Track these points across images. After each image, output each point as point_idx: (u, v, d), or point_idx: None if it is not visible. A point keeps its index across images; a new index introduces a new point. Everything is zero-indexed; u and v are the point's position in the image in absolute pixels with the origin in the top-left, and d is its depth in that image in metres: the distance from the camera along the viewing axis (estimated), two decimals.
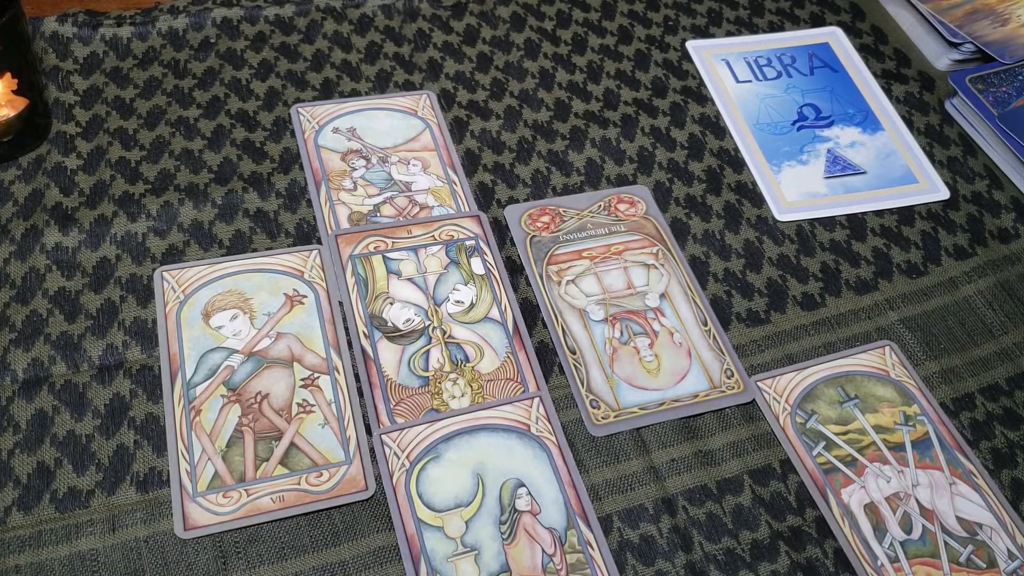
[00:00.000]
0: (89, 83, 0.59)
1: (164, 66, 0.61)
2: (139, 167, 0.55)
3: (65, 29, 0.61)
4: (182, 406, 0.46)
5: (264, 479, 0.44)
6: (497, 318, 0.51)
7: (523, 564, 0.42)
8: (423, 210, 0.55)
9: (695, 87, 0.66)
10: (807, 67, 0.68)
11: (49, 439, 0.45)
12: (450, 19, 0.67)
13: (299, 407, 0.46)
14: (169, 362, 0.47)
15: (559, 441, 0.47)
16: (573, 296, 0.53)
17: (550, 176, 0.59)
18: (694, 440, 0.48)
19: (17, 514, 0.42)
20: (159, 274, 0.50)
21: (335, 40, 0.64)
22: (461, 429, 0.46)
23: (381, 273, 0.52)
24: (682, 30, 0.69)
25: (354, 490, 0.44)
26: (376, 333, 0.49)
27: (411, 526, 0.43)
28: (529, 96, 0.63)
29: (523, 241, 0.55)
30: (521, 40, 0.66)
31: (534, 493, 0.45)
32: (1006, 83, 0.65)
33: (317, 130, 0.58)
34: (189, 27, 0.63)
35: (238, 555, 0.42)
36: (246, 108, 0.59)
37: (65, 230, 0.52)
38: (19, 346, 0.47)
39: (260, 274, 0.51)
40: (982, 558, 0.45)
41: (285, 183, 0.56)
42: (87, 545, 0.42)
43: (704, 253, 0.56)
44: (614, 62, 0.66)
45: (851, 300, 0.55)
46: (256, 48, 0.63)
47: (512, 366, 0.49)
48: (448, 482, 0.44)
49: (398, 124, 0.60)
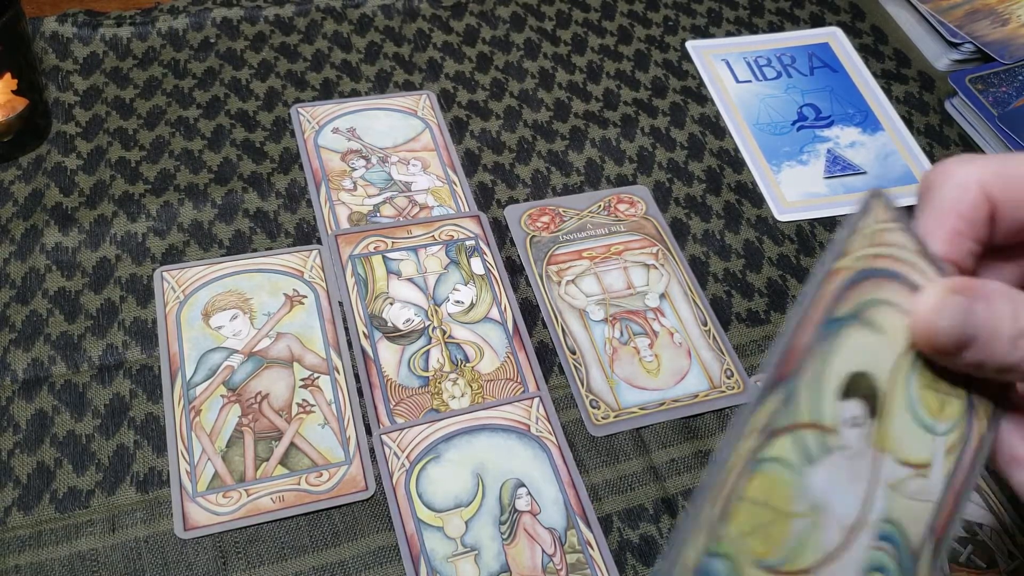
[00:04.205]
0: (89, 83, 0.59)
1: (164, 66, 0.61)
2: (139, 167, 0.55)
3: (65, 29, 0.61)
4: (182, 406, 0.46)
5: (264, 479, 0.44)
6: (497, 318, 0.51)
7: (523, 564, 0.42)
8: (423, 210, 0.55)
9: (695, 87, 0.66)
10: (807, 67, 0.68)
11: (49, 439, 0.45)
12: (450, 19, 0.67)
13: (299, 407, 0.46)
14: (169, 362, 0.47)
15: (559, 441, 0.47)
16: (573, 296, 0.53)
17: (550, 176, 0.59)
18: (694, 440, 0.48)
19: (17, 514, 0.42)
20: (159, 274, 0.50)
21: (335, 40, 0.64)
22: (461, 429, 0.46)
23: (381, 273, 0.52)
24: (682, 30, 0.69)
25: (354, 490, 0.44)
26: (376, 333, 0.49)
27: (411, 526, 0.43)
28: (529, 96, 0.63)
29: (523, 241, 0.55)
30: (521, 40, 0.66)
31: (534, 493, 0.45)
32: (1006, 83, 0.65)
33: (317, 130, 0.58)
34: (189, 27, 0.63)
35: (238, 555, 0.42)
36: (246, 108, 0.59)
37: (65, 230, 0.52)
38: (19, 346, 0.47)
39: (260, 274, 0.51)
40: (982, 558, 0.45)
41: (285, 183, 0.56)
42: (87, 545, 0.42)
43: (704, 253, 0.56)
44: (614, 62, 0.66)
45: None
46: (256, 48, 0.63)
47: (512, 366, 0.49)
48: (448, 482, 0.44)
49: (398, 124, 0.60)
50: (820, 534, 0.25)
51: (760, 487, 0.24)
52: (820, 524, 0.25)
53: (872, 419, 0.26)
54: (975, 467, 0.28)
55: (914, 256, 0.27)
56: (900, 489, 0.26)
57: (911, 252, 0.27)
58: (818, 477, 0.25)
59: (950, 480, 0.27)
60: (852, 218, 0.27)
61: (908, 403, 0.27)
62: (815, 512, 0.24)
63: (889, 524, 0.26)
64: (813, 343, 0.25)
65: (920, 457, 0.27)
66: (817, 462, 0.25)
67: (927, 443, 0.27)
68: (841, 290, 0.26)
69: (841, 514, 0.25)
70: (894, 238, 0.27)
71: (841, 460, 0.25)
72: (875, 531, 0.26)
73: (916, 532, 0.26)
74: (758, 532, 0.24)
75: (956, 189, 0.27)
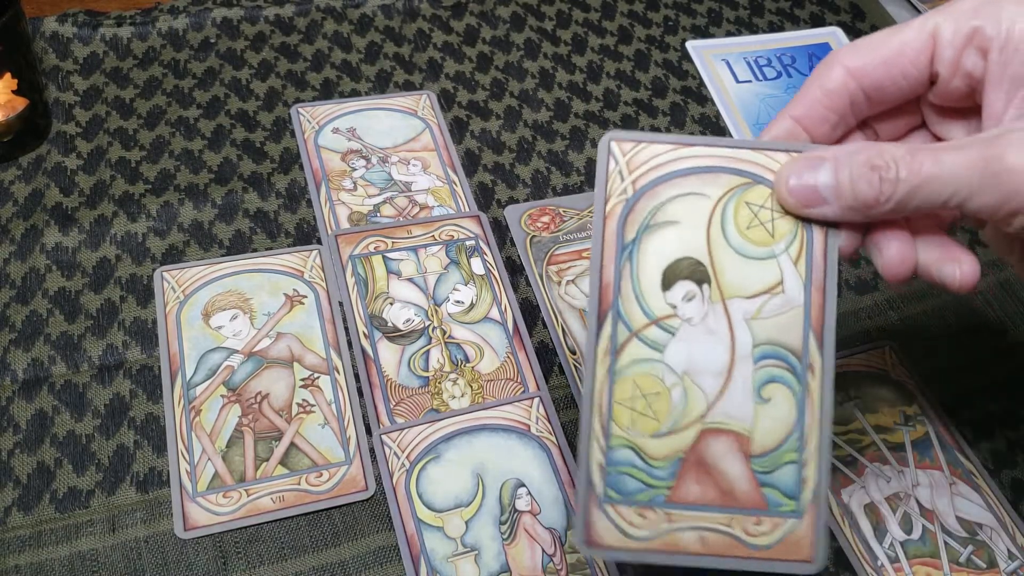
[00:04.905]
0: (89, 83, 0.59)
1: (164, 66, 0.61)
2: (139, 167, 0.55)
3: (65, 29, 0.61)
4: (182, 406, 0.46)
5: (264, 479, 0.44)
6: (497, 318, 0.51)
7: (523, 564, 0.42)
8: (423, 210, 0.55)
9: (695, 87, 0.66)
10: (807, 67, 0.68)
11: (49, 439, 0.45)
12: (450, 19, 0.67)
13: (299, 407, 0.46)
14: (169, 362, 0.47)
15: (559, 441, 0.47)
16: (573, 296, 0.53)
17: (550, 176, 0.59)
18: None
19: (17, 514, 0.42)
20: (159, 274, 0.50)
21: (335, 40, 0.64)
22: (461, 429, 0.46)
23: (381, 273, 0.52)
24: (682, 30, 0.69)
25: (354, 490, 0.44)
26: (376, 333, 0.49)
27: (411, 526, 0.43)
28: (529, 96, 0.63)
29: (523, 241, 0.55)
30: (521, 40, 0.66)
31: (534, 493, 0.45)
32: None
33: (317, 130, 0.58)
34: (189, 27, 0.63)
35: (238, 555, 0.42)
36: (246, 108, 0.59)
37: (65, 230, 0.52)
38: (19, 346, 0.47)
39: (260, 274, 0.51)
40: (982, 558, 0.45)
41: (285, 183, 0.56)
42: (87, 545, 0.42)
43: None
44: (614, 62, 0.66)
45: (851, 300, 0.55)
46: (256, 48, 0.63)
47: (512, 366, 0.49)
48: (448, 482, 0.44)
49: (398, 124, 0.60)
50: (696, 390, 0.31)
51: (625, 388, 0.31)
52: (694, 382, 0.32)
53: (704, 284, 0.32)
54: (828, 257, 0.32)
55: (672, 151, 0.33)
56: (760, 316, 0.32)
57: (667, 155, 0.33)
58: (674, 353, 0.32)
59: (809, 279, 0.32)
60: (599, 169, 0.32)
61: (733, 252, 0.32)
62: (685, 377, 0.32)
63: (764, 345, 0.32)
64: (617, 271, 0.32)
65: (766, 282, 0.32)
66: (667, 345, 0.32)
67: (769, 268, 0.32)
68: (620, 224, 0.32)
69: (711, 364, 0.32)
70: (644, 155, 0.33)
71: (689, 330, 0.32)
72: (752, 358, 0.32)
73: (792, 336, 0.32)
74: (641, 417, 0.31)
75: (822, 67, 0.33)
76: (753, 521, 0.31)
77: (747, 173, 0.32)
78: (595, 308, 0.31)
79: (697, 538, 0.31)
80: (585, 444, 0.31)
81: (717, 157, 0.33)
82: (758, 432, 0.31)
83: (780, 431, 0.31)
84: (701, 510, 0.31)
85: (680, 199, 0.32)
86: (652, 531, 0.31)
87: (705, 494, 0.31)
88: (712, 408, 0.31)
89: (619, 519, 0.31)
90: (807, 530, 0.31)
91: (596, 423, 0.31)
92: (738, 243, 0.32)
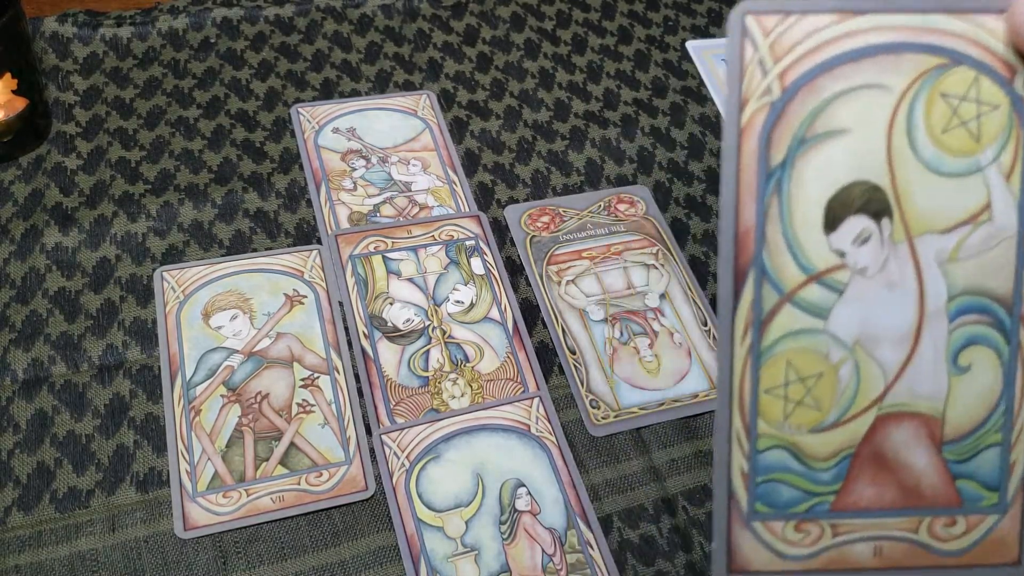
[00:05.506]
0: (89, 83, 0.59)
1: (164, 66, 0.61)
2: (139, 167, 0.55)
3: (65, 29, 0.61)
4: (182, 406, 0.46)
5: (264, 479, 0.44)
6: (497, 318, 0.51)
7: (523, 564, 0.42)
8: (423, 210, 0.55)
9: (695, 87, 0.66)
10: None
11: (49, 439, 0.45)
12: (450, 19, 0.67)
13: (299, 407, 0.46)
14: (169, 362, 0.47)
15: (559, 441, 0.47)
16: (573, 296, 0.53)
17: (550, 176, 0.59)
18: (694, 440, 0.48)
19: (17, 514, 0.42)
20: (159, 274, 0.50)
21: (335, 40, 0.64)
22: (461, 429, 0.46)
23: (381, 273, 0.52)
24: (682, 30, 0.69)
25: (354, 490, 0.44)
26: (376, 333, 0.49)
27: (411, 526, 0.43)
28: (529, 96, 0.63)
29: (523, 241, 0.55)
30: (521, 40, 0.66)
31: (534, 493, 0.45)
32: None
33: (317, 130, 0.58)
34: (189, 27, 0.63)
35: (238, 555, 0.42)
36: (246, 108, 0.59)
37: (65, 230, 0.52)
38: (19, 346, 0.47)
39: (260, 274, 0.51)
40: None
41: (285, 183, 0.56)
42: (87, 545, 0.42)
43: (704, 253, 0.56)
44: (614, 62, 0.66)
45: None
46: (256, 48, 0.63)
47: (512, 366, 0.49)
48: (448, 482, 0.44)
49: (398, 124, 0.60)
50: (872, 365, 0.24)
51: (775, 371, 0.24)
52: (869, 355, 0.24)
53: (884, 218, 0.24)
54: None
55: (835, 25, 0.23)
56: (958, 256, 0.24)
57: (828, 30, 0.23)
58: (842, 319, 0.24)
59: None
60: (730, 59, 0.23)
61: (923, 169, 0.24)
62: (857, 349, 0.24)
63: (963, 296, 0.24)
64: (761, 211, 0.23)
65: (968, 208, 0.24)
66: (832, 308, 0.24)
67: (973, 187, 0.24)
68: (763, 140, 0.23)
69: (892, 328, 0.24)
70: (796, 33, 0.23)
71: (862, 285, 0.24)
72: (947, 314, 0.24)
73: (1001, 281, 0.24)
74: (798, 408, 0.24)
75: None
76: (944, 522, 0.25)
77: (943, 50, 0.23)
78: (729, 266, 0.23)
79: (871, 550, 0.25)
80: (722, 448, 0.24)
81: (899, 29, 0.23)
82: (953, 411, 0.25)
83: (981, 408, 0.25)
84: (877, 516, 0.25)
85: (849, 96, 0.23)
86: (814, 548, 0.25)
87: (883, 496, 0.25)
88: (892, 387, 0.25)
89: (771, 537, 0.25)
90: (1013, 526, 0.25)
91: (736, 420, 0.24)
92: (930, 155, 0.24)
